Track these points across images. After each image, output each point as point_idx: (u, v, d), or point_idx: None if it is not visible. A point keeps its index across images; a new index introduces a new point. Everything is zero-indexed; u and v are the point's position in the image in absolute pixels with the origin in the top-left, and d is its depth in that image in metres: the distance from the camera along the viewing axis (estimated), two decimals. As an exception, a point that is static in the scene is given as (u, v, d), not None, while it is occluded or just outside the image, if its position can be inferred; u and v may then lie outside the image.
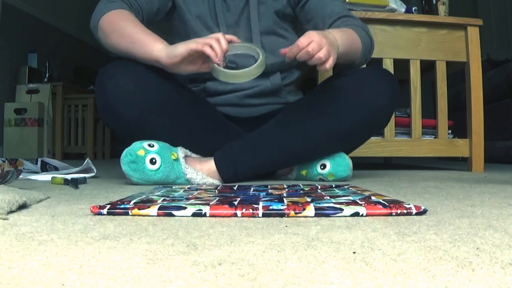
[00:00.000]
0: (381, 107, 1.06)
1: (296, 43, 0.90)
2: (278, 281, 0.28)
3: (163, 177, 0.96)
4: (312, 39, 0.89)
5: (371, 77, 1.06)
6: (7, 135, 2.95)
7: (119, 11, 1.02)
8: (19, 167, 0.84)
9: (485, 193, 0.81)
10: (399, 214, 0.55)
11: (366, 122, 1.06)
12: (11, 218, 0.51)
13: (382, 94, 1.05)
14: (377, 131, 1.12)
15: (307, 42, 0.89)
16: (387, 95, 1.06)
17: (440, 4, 1.69)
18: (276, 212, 0.54)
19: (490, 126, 1.89)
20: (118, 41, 0.99)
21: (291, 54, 0.91)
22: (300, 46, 0.89)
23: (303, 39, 0.89)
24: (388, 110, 1.09)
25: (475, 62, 1.66)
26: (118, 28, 0.99)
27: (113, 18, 1.01)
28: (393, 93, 1.07)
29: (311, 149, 1.09)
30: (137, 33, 0.97)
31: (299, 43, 0.89)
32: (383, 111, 1.08)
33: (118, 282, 0.28)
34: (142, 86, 0.97)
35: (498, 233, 0.43)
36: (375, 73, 1.08)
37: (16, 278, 0.28)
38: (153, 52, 0.94)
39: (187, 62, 0.93)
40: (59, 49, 3.66)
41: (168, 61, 0.92)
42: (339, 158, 1.11)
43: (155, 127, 1.00)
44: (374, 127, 1.12)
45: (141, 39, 0.96)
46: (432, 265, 0.32)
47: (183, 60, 0.92)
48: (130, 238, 0.41)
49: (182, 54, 0.90)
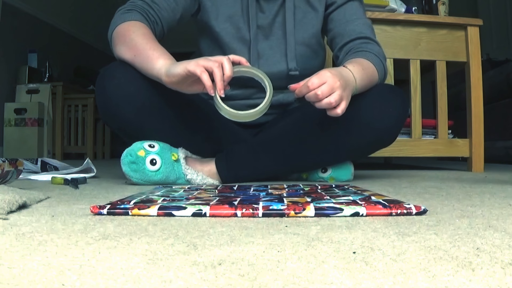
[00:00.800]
0: (388, 128, 1.03)
1: (306, 82, 0.84)
2: (278, 281, 0.28)
3: (163, 178, 0.96)
4: (325, 81, 0.83)
5: (380, 98, 1.01)
6: (7, 135, 2.95)
7: (133, 22, 0.98)
8: (19, 167, 0.84)
9: (485, 193, 0.81)
10: (399, 214, 0.55)
11: (371, 141, 1.04)
12: (11, 218, 0.51)
13: (390, 114, 1.01)
14: (382, 147, 1.10)
15: (318, 84, 0.83)
16: (395, 116, 1.02)
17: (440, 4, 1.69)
18: (276, 212, 0.54)
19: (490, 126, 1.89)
20: (124, 53, 0.96)
21: (299, 93, 0.86)
22: (310, 87, 0.83)
23: (315, 79, 0.83)
24: (395, 131, 1.06)
25: (475, 62, 1.65)
26: (127, 41, 0.95)
27: (124, 29, 0.97)
28: (402, 114, 1.04)
29: (313, 161, 1.09)
30: (143, 46, 0.92)
31: (309, 83, 0.84)
32: (390, 132, 1.05)
33: (118, 282, 0.28)
34: (143, 88, 0.96)
35: (498, 233, 0.43)
36: (385, 93, 1.03)
37: (16, 278, 0.28)
38: (153, 69, 0.89)
39: (191, 82, 0.86)
40: (59, 49, 3.66)
41: (167, 79, 0.86)
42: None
43: (156, 128, 1.00)
44: (380, 145, 1.09)
45: (146, 54, 0.91)
46: (432, 265, 0.32)
47: (182, 80, 0.85)
48: (130, 238, 0.41)
49: (180, 75, 0.84)
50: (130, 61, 0.95)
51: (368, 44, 1.07)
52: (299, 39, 1.12)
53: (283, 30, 1.12)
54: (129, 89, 0.95)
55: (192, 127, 1.05)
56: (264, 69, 1.09)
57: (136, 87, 0.95)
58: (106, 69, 0.98)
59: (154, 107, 0.99)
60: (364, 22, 1.12)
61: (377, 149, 1.10)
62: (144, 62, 0.91)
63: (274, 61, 1.11)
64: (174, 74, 0.84)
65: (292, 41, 1.10)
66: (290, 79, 1.10)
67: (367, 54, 1.04)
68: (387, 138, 1.07)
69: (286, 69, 1.10)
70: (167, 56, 0.90)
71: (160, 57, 0.89)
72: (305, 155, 1.06)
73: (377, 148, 1.10)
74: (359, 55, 1.04)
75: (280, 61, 1.11)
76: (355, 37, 1.09)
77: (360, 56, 1.03)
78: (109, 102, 0.96)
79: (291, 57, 1.10)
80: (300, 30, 1.12)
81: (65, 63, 3.62)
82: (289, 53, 1.10)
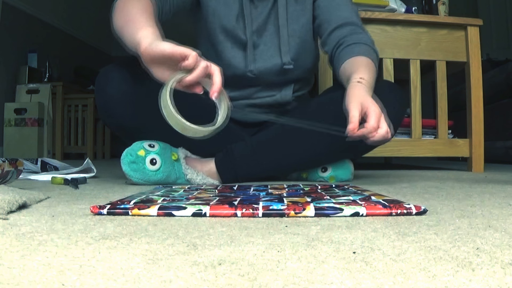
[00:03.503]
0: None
1: (367, 129, 0.80)
2: (278, 281, 0.28)
3: (163, 178, 0.96)
4: (378, 117, 0.81)
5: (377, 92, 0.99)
6: (7, 135, 2.95)
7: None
8: (19, 167, 0.84)
9: (485, 193, 0.81)
10: (399, 214, 0.55)
11: None
12: (11, 218, 0.51)
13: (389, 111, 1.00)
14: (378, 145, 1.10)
15: (376, 123, 0.81)
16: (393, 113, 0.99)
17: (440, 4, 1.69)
18: (276, 212, 0.54)
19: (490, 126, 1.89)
20: (116, 22, 0.90)
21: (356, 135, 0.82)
22: (373, 132, 0.81)
23: (374, 122, 0.80)
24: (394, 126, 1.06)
25: (475, 62, 1.65)
26: (124, 11, 0.89)
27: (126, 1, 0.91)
28: (400, 109, 1.04)
29: (313, 159, 1.08)
30: (137, 17, 0.86)
31: (370, 127, 0.80)
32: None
33: (118, 282, 0.28)
34: (142, 89, 0.96)
35: (498, 233, 0.43)
36: (382, 88, 1.02)
37: (16, 278, 0.28)
38: (137, 34, 0.80)
39: (165, 67, 0.78)
40: (59, 49, 3.66)
41: (146, 50, 0.77)
42: (340, 161, 1.11)
43: (155, 128, 1.00)
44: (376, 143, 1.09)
45: (136, 20, 0.84)
46: (432, 265, 0.32)
47: (161, 60, 0.77)
48: (130, 238, 0.41)
49: (164, 51, 0.75)
50: (119, 29, 0.88)
51: (358, 35, 1.07)
52: (291, 32, 1.12)
53: (276, 25, 1.12)
54: (128, 89, 0.95)
55: None
56: (259, 64, 1.10)
57: (135, 88, 0.95)
58: (105, 70, 0.98)
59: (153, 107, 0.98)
60: (351, 8, 1.12)
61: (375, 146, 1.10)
62: (131, 28, 0.83)
63: (268, 56, 1.11)
64: (158, 48, 0.75)
65: (285, 34, 1.11)
66: (285, 73, 1.11)
67: (363, 49, 1.04)
68: None
69: (280, 63, 1.11)
70: (157, 30, 0.82)
71: (150, 27, 0.82)
72: (304, 154, 1.06)
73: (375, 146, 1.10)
74: (356, 50, 1.03)
75: (274, 55, 1.11)
76: (341, 22, 1.09)
77: (359, 53, 1.02)
78: (108, 102, 0.96)
79: (284, 51, 1.10)
80: (292, 23, 1.13)
81: (65, 63, 3.62)
82: (283, 47, 1.10)
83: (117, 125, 0.99)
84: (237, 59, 1.10)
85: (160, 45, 0.76)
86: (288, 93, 1.16)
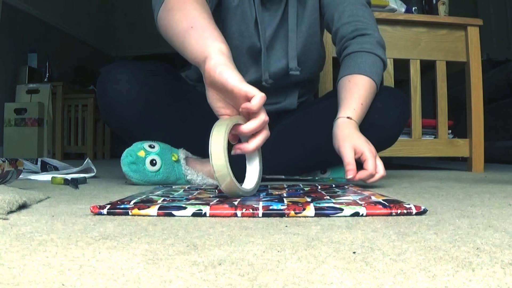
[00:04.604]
0: (390, 130, 1.03)
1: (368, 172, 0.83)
2: (278, 281, 0.28)
3: (163, 178, 0.96)
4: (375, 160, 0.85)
5: (382, 101, 1.00)
6: (7, 135, 2.95)
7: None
8: (19, 167, 0.84)
9: (485, 193, 0.81)
10: (399, 214, 0.55)
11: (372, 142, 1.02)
12: (11, 218, 0.51)
13: (390, 118, 1.01)
14: (383, 149, 1.09)
15: (374, 168, 0.84)
16: (396, 118, 1.02)
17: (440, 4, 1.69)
18: (276, 212, 0.54)
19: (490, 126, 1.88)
20: (179, 21, 0.80)
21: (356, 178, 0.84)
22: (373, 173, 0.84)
23: (371, 165, 0.83)
24: (395, 134, 1.06)
25: (475, 62, 1.66)
26: (187, 8, 0.80)
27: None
28: (402, 117, 1.04)
29: (313, 163, 1.08)
30: (202, 20, 0.78)
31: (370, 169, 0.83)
32: (390, 135, 1.05)
33: (118, 282, 0.28)
34: (145, 90, 0.96)
35: (498, 233, 0.43)
36: (386, 97, 1.01)
37: (16, 278, 0.28)
38: (207, 47, 0.71)
39: (222, 95, 0.69)
40: (59, 49, 3.66)
41: (211, 69, 0.68)
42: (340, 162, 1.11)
43: (157, 129, 1.00)
44: (381, 147, 1.06)
45: (204, 27, 0.76)
46: (432, 265, 0.32)
47: (221, 88, 0.68)
48: (130, 238, 0.41)
49: (226, 83, 0.66)
50: (181, 32, 0.79)
51: (363, 37, 1.02)
52: (299, 35, 1.09)
53: (286, 29, 1.09)
54: (130, 90, 0.95)
55: (192, 127, 1.04)
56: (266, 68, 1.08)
57: (137, 88, 0.95)
58: (106, 70, 0.97)
59: (155, 108, 0.98)
60: (355, 1, 1.06)
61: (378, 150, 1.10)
62: (197, 37, 0.75)
63: (275, 59, 1.09)
64: (223, 77, 0.66)
65: (294, 38, 1.07)
66: (290, 77, 1.10)
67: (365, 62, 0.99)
68: (388, 140, 1.07)
69: (286, 67, 1.09)
70: (228, 49, 0.73)
71: (222, 44, 0.73)
72: (305, 157, 1.06)
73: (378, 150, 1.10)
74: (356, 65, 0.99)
75: (280, 58, 1.09)
76: (346, 21, 1.04)
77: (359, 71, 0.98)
78: (110, 103, 0.96)
79: (292, 56, 1.07)
80: (300, 25, 1.09)
81: (65, 63, 3.62)
82: (290, 51, 1.07)
83: (119, 125, 0.99)
84: (249, 67, 1.07)
85: (225, 74, 0.66)
86: (293, 101, 1.15)
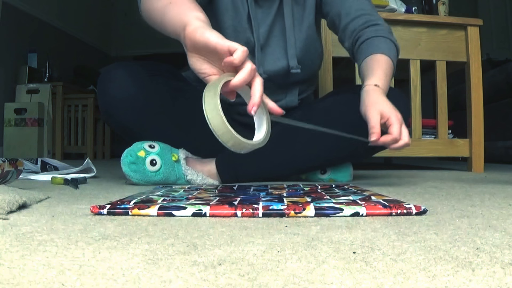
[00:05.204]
0: None
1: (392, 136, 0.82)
2: (278, 281, 0.28)
3: (163, 178, 0.96)
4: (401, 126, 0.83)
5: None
6: (7, 135, 2.95)
7: None
8: (19, 167, 0.84)
9: (485, 193, 0.81)
10: (399, 214, 0.55)
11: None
12: (11, 218, 0.51)
13: None
14: (383, 149, 1.10)
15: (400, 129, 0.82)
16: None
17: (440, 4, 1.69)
18: (276, 212, 0.54)
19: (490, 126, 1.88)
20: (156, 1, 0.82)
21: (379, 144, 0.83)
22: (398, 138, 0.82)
23: (396, 128, 0.82)
24: None
25: (475, 62, 1.65)
26: None
27: None
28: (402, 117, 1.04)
29: (314, 162, 1.08)
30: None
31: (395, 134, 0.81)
32: None
33: (118, 282, 0.28)
34: (144, 89, 0.96)
35: (498, 233, 0.43)
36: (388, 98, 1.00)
37: (16, 278, 0.28)
38: (186, 15, 0.71)
39: (206, 59, 0.69)
40: (59, 49, 3.66)
41: (191, 32, 0.68)
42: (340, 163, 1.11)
43: (157, 129, 1.00)
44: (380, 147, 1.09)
45: (184, 1, 0.77)
46: (432, 265, 0.32)
47: (203, 49, 0.68)
48: (130, 238, 0.41)
49: (208, 41, 0.66)
50: (159, 13, 0.80)
51: (375, 26, 1.03)
52: (297, 33, 1.10)
53: (282, 27, 1.10)
54: (130, 90, 0.95)
55: (192, 127, 1.05)
56: (266, 67, 1.08)
57: (137, 88, 0.95)
58: (107, 70, 0.97)
59: (155, 108, 0.98)
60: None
61: (379, 150, 1.11)
62: (177, 9, 0.75)
63: (274, 59, 1.09)
64: (204, 37, 0.66)
65: (292, 37, 1.08)
66: (291, 76, 1.10)
67: (382, 44, 1.00)
68: None
69: (287, 66, 1.09)
70: (207, 18, 0.74)
71: (200, 12, 0.74)
72: (305, 157, 1.06)
73: (379, 149, 1.10)
74: (374, 46, 1.00)
75: (280, 58, 1.09)
76: (354, 15, 1.04)
77: (377, 50, 0.99)
78: (110, 103, 0.96)
79: (291, 55, 1.08)
80: (297, 24, 1.10)
81: (65, 63, 3.62)
82: (290, 50, 1.08)
83: (119, 125, 0.99)
84: None
85: (206, 34, 0.67)
86: (294, 98, 1.15)
